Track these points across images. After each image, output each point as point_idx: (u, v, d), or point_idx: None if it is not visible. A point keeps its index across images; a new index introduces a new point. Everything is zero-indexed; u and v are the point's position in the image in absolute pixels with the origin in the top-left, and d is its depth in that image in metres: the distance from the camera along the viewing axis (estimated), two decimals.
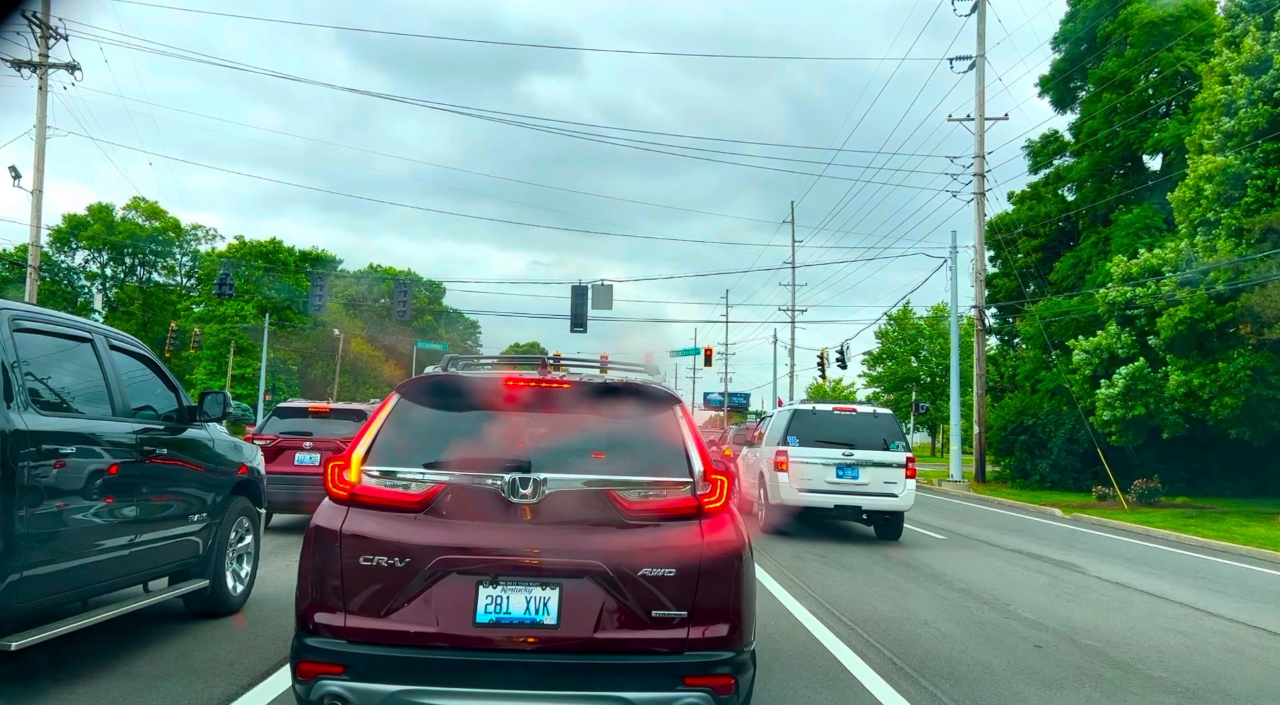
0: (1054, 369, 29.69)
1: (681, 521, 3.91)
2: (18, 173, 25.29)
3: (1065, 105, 36.12)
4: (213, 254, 69.47)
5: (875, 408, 15.46)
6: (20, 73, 24.91)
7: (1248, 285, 21.11)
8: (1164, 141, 30.44)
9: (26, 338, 5.00)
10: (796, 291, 53.31)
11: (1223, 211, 22.40)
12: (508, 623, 3.68)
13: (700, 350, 53.98)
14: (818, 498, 13.74)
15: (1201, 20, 29.49)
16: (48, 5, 25.34)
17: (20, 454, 4.59)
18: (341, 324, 67.84)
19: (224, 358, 61.29)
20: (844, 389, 69.42)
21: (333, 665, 3.68)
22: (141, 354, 6.38)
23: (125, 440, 5.62)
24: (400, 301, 39.58)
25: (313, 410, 13.24)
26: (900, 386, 65.23)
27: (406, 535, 3.78)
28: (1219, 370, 22.33)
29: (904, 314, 65.26)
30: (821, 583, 9.77)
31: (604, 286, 31.68)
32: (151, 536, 5.87)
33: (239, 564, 7.27)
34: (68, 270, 69.18)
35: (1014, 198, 38.76)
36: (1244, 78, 21.99)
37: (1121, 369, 24.82)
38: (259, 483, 7.65)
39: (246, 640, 6.29)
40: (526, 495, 3.82)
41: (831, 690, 5.62)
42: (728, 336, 71.06)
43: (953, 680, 6.01)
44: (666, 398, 4.40)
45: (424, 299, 76.13)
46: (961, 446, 31.22)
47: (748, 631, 3.90)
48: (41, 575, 4.77)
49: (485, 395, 4.32)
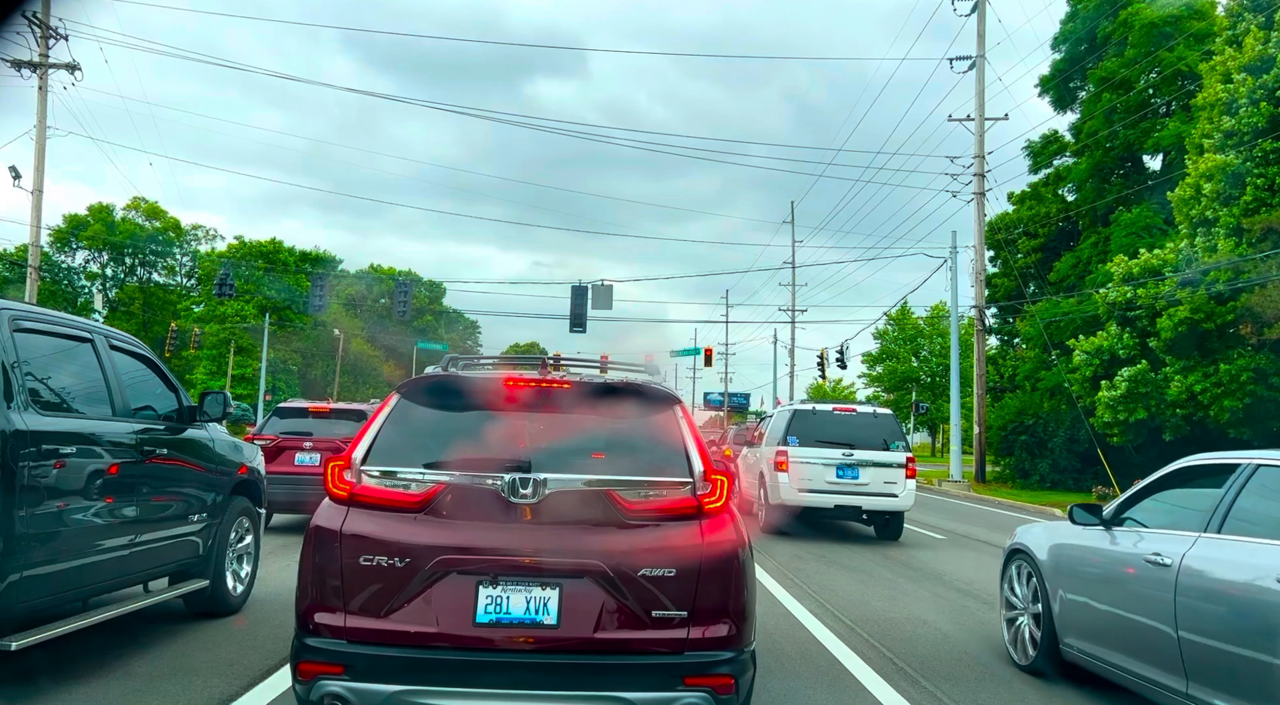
0: (1054, 369, 29.69)
1: (681, 521, 3.91)
2: (18, 173, 25.29)
3: (1065, 105, 36.14)
4: (213, 254, 69.51)
5: (875, 408, 15.46)
6: (20, 73, 24.91)
7: (1248, 285, 21.11)
8: (1164, 141, 30.45)
9: (26, 338, 5.00)
10: (797, 291, 53.33)
11: (1222, 210, 22.40)
12: (508, 623, 3.69)
13: (700, 350, 54.00)
14: (818, 498, 13.74)
15: (1202, 20, 29.50)
16: (48, 5, 25.34)
17: (20, 454, 4.59)
18: (342, 324, 67.85)
19: (224, 358, 61.29)
20: (844, 389, 69.39)
21: (333, 665, 3.68)
22: (141, 354, 6.38)
23: (125, 440, 5.62)
24: (400, 301, 39.60)
25: (313, 410, 13.24)
26: (900, 386, 65.23)
27: (406, 535, 3.78)
28: (1219, 371, 22.33)
29: (904, 314, 65.25)
30: (821, 583, 9.77)
31: (604, 286, 31.68)
32: (151, 536, 5.87)
33: (239, 564, 7.27)
34: (68, 270, 69.20)
35: (1014, 198, 38.78)
36: (1245, 77, 22.00)
37: (1123, 371, 24.82)
38: (259, 483, 7.65)
39: (246, 640, 6.29)
40: (527, 495, 3.82)
41: (831, 690, 5.62)
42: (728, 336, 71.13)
43: (953, 680, 6.01)
44: (666, 398, 4.40)
45: (424, 299, 76.17)
46: (961, 446, 31.22)
47: (748, 632, 3.90)
48: (41, 575, 4.77)
49: (485, 395, 4.32)
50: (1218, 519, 4.91)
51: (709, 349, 54.25)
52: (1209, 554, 4.78)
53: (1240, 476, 5.00)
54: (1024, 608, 6.59)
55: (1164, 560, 5.00)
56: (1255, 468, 4.97)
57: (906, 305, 63.11)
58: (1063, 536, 6.28)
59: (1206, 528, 4.94)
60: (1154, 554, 5.12)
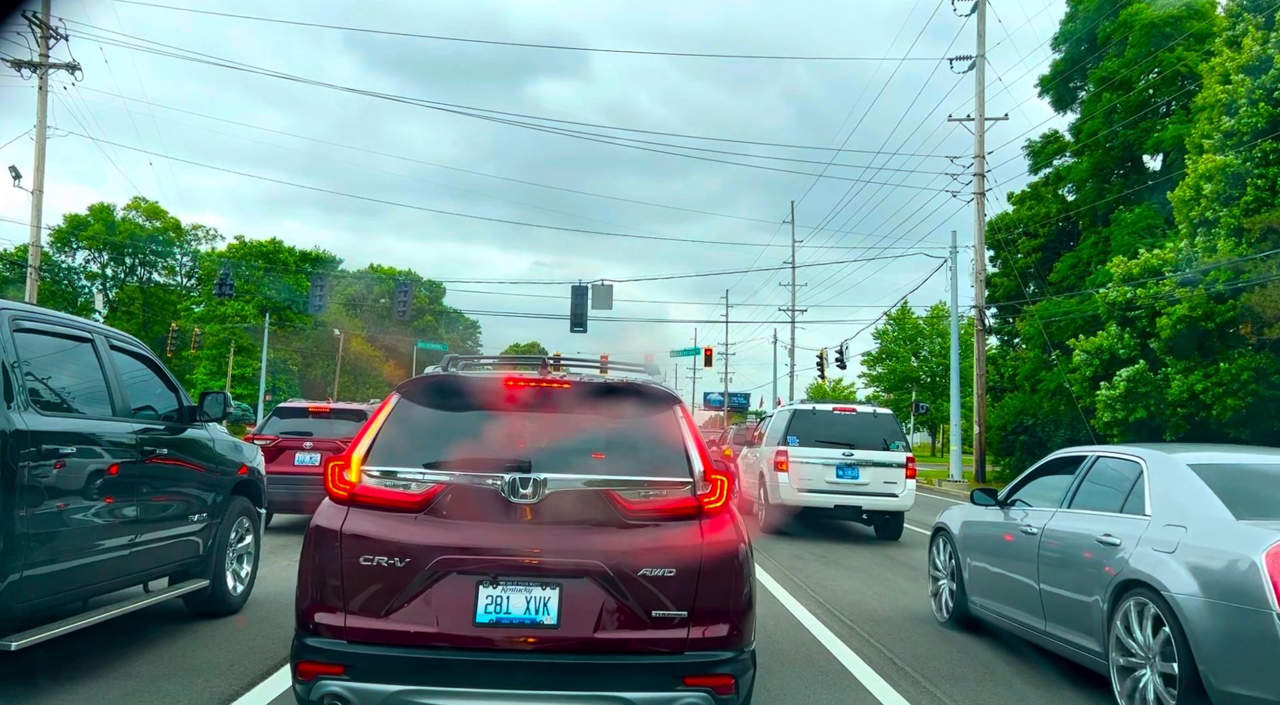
0: (1054, 369, 29.68)
1: (681, 521, 3.91)
2: (18, 173, 25.28)
3: (1065, 105, 36.12)
4: (213, 254, 69.50)
5: (875, 408, 15.48)
6: (20, 73, 24.91)
7: (1248, 285, 21.10)
8: (1164, 141, 30.44)
9: (27, 338, 5.00)
10: (797, 291, 53.31)
11: (1222, 211, 22.40)
12: (508, 623, 3.69)
13: (700, 350, 53.98)
14: (818, 498, 13.74)
15: (1202, 20, 29.49)
16: (48, 5, 25.33)
17: (20, 454, 4.59)
18: (342, 324, 67.83)
19: (224, 358, 61.29)
20: (844, 389, 69.35)
21: (333, 665, 3.68)
22: (141, 354, 6.38)
23: (125, 440, 5.62)
24: (400, 301, 39.62)
25: (313, 410, 13.25)
26: (900, 386, 65.18)
27: (406, 535, 3.78)
28: (1220, 370, 22.33)
29: (904, 314, 65.20)
30: (821, 583, 9.77)
31: (604, 286, 31.67)
32: (151, 536, 5.87)
33: (239, 564, 7.27)
34: (68, 270, 69.20)
35: (1014, 198, 38.76)
36: (1244, 77, 21.99)
37: (1122, 371, 24.81)
38: (259, 483, 7.65)
39: (246, 640, 6.29)
40: (527, 495, 3.82)
41: (831, 690, 5.62)
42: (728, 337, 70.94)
43: (953, 680, 6.01)
44: (666, 398, 4.40)
45: (424, 299, 76.12)
46: (961, 446, 31.21)
47: (748, 631, 3.91)
48: (41, 575, 4.77)
49: (485, 395, 4.32)
50: (1069, 497, 6.31)
51: (709, 349, 54.23)
52: (1060, 524, 6.15)
53: (1086, 465, 6.39)
54: (944, 574, 7.85)
55: (1032, 530, 6.37)
56: (1096, 458, 6.38)
57: (906, 305, 63.04)
58: (971, 515, 7.61)
59: (1062, 504, 6.33)
60: (1027, 525, 6.47)
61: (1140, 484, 5.65)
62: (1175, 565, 4.85)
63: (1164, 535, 5.10)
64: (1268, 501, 5.19)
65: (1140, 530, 5.29)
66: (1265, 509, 5.04)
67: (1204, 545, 4.84)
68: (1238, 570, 4.53)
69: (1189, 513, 5.14)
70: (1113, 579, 5.27)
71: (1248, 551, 4.52)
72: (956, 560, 7.56)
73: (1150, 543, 5.13)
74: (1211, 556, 4.75)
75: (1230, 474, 5.44)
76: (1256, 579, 4.38)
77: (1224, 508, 5.01)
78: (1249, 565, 4.46)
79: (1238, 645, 4.44)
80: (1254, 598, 4.38)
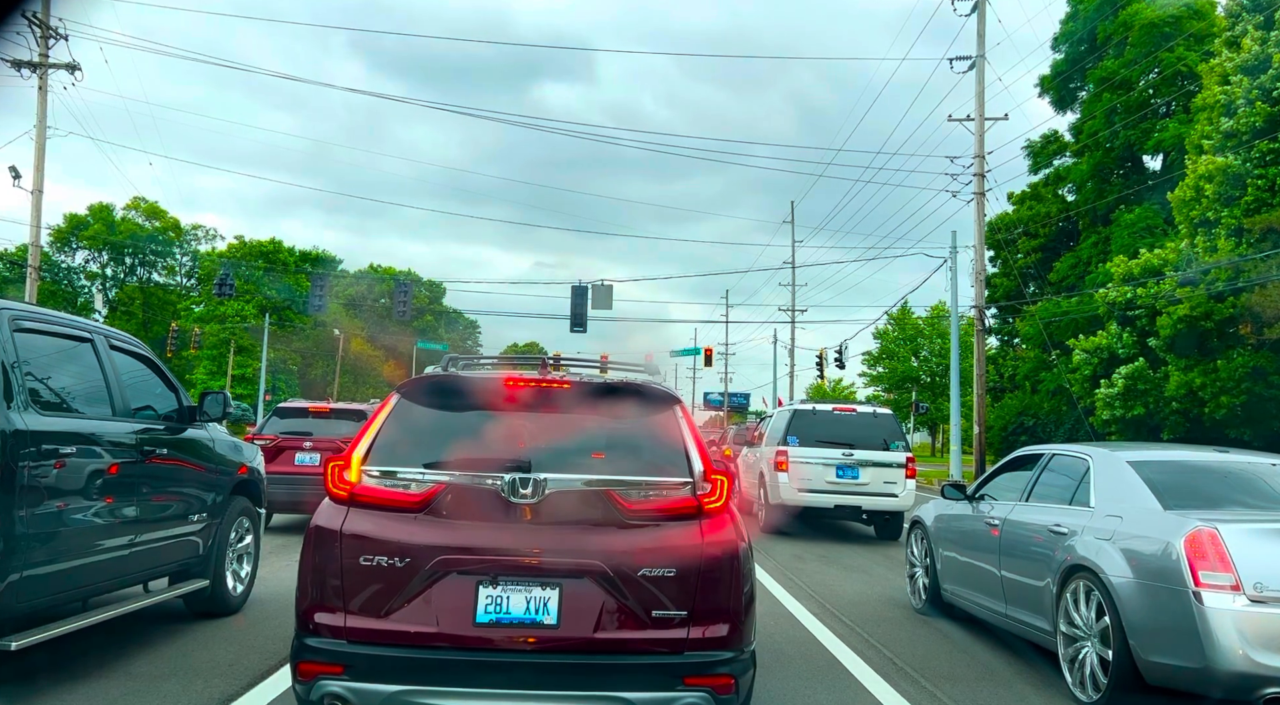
0: (1054, 369, 29.69)
1: (681, 521, 3.91)
2: (18, 173, 25.27)
3: (1065, 105, 36.12)
4: (213, 254, 69.49)
5: (875, 408, 15.49)
6: (20, 73, 24.88)
7: (1248, 285, 21.11)
8: (1164, 141, 30.45)
9: (27, 338, 5.00)
10: (797, 291, 53.28)
11: (1223, 211, 22.40)
12: (508, 623, 3.69)
13: (700, 350, 53.92)
14: (818, 498, 13.74)
15: (1202, 20, 29.49)
16: (48, 5, 25.30)
17: (20, 454, 4.59)
18: (342, 324, 67.82)
19: (224, 358, 61.27)
20: (844, 389, 69.32)
21: (333, 665, 3.68)
22: (141, 354, 6.38)
23: (125, 440, 5.62)
24: (400, 301, 39.59)
25: (313, 410, 13.26)
26: (900, 386, 65.14)
27: (406, 535, 3.78)
28: (1219, 369, 22.34)
29: (904, 314, 65.17)
30: (821, 583, 9.77)
31: (604, 286, 31.64)
32: (151, 536, 5.87)
33: (239, 564, 7.27)
34: (68, 270, 69.17)
35: (1014, 198, 38.76)
36: (1243, 78, 21.99)
37: (1121, 369, 24.83)
38: (259, 483, 7.65)
39: (246, 640, 6.29)
40: (527, 495, 3.82)
41: (831, 690, 5.62)
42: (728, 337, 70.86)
43: (953, 680, 6.01)
44: (666, 398, 4.40)
45: (424, 299, 76.07)
46: (961, 446, 31.19)
47: (748, 631, 3.91)
48: (41, 575, 4.77)
49: (485, 395, 4.32)
50: (1027, 491, 6.88)
51: (709, 349, 54.16)
52: (1018, 516, 6.73)
53: (1043, 461, 6.98)
54: (919, 564, 8.38)
55: (995, 521, 6.94)
56: (1052, 456, 6.96)
57: (906, 305, 63.01)
58: (943, 509, 8.13)
59: (1021, 497, 6.90)
60: (991, 517, 7.03)
61: (1087, 479, 6.19)
62: (1112, 551, 5.42)
63: (1104, 524, 5.65)
64: (1194, 493, 5.71)
65: (1085, 520, 5.85)
66: (1191, 500, 5.57)
67: (1136, 533, 5.40)
68: (1162, 554, 5.08)
69: (1125, 504, 5.69)
70: (1061, 564, 5.83)
71: (1170, 537, 5.05)
72: (930, 551, 8.07)
73: (1093, 531, 5.69)
74: (1142, 542, 5.31)
75: (1164, 469, 6.00)
76: (1177, 561, 4.92)
77: (1155, 499, 5.56)
78: (1171, 549, 4.99)
79: (1161, 620, 4.97)
80: (1175, 578, 4.92)
